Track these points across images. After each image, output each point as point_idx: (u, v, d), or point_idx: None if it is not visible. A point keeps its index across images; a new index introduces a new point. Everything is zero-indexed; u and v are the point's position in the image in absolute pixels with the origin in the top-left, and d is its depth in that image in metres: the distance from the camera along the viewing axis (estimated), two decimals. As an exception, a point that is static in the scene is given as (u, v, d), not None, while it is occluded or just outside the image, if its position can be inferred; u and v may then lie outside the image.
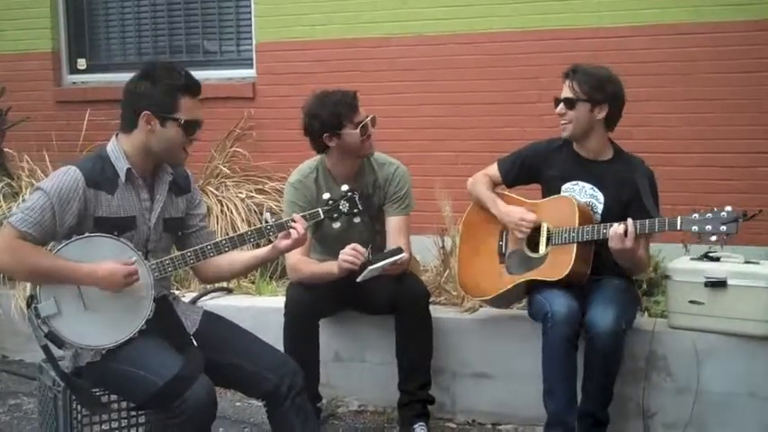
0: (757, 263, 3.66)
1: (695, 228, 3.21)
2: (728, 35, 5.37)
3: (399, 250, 3.57)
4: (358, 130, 3.73)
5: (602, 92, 3.65)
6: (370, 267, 3.50)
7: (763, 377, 2.89)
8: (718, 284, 3.58)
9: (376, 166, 3.93)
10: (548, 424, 3.50)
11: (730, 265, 3.66)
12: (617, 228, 3.36)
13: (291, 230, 3.10)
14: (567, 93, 3.67)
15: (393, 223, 3.90)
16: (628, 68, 5.36)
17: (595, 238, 3.46)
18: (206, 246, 3.03)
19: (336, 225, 3.28)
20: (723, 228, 3.16)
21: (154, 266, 2.94)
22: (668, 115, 5.49)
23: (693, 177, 5.43)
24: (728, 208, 3.18)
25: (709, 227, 3.19)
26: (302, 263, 3.77)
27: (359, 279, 3.53)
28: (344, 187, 3.31)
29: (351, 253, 3.55)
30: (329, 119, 3.74)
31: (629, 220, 3.36)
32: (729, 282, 3.57)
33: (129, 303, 2.90)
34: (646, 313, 4.08)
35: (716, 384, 3.66)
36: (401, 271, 3.64)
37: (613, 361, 3.45)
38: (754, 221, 4.65)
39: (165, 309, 3.04)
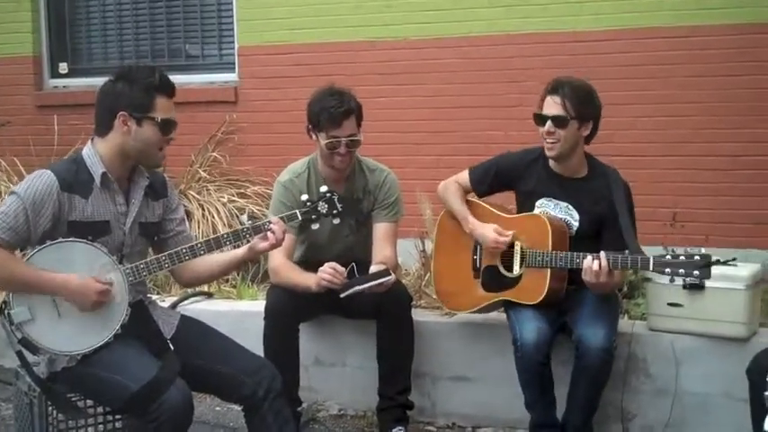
0: (735, 265, 3.65)
1: (668, 270, 3.18)
2: (708, 39, 5.39)
3: (387, 272, 3.55)
4: (325, 143, 3.70)
5: (591, 107, 3.56)
6: (356, 288, 3.49)
7: (739, 379, 2.90)
8: (696, 287, 3.58)
9: (367, 171, 3.91)
10: (533, 426, 3.57)
11: (709, 267, 3.67)
12: (590, 262, 3.30)
13: (269, 233, 3.08)
14: (556, 110, 3.51)
15: (381, 230, 3.88)
16: (608, 72, 5.41)
17: (568, 267, 3.43)
18: (181, 249, 3.00)
19: (315, 227, 3.26)
20: (696, 272, 3.13)
21: (128, 271, 2.92)
22: (649, 119, 5.52)
23: (675, 180, 5.45)
24: (702, 250, 3.16)
25: (681, 270, 3.15)
26: (284, 268, 3.74)
27: (342, 295, 3.52)
28: (323, 188, 3.30)
29: (329, 272, 3.52)
30: (312, 116, 3.74)
31: (602, 254, 3.30)
32: (708, 284, 3.56)
33: (104, 308, 2.88)
34: (626, 316, 4.09)
35: (694, 386, 3.67)
36: (386, 290, 3.58)
37: (603, 377, 3.46)
38: (728, 224, 4.71)
39: (141, 313, 3.03)
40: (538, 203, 3.67)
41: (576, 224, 3.62)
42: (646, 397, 3.75)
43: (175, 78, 3.13)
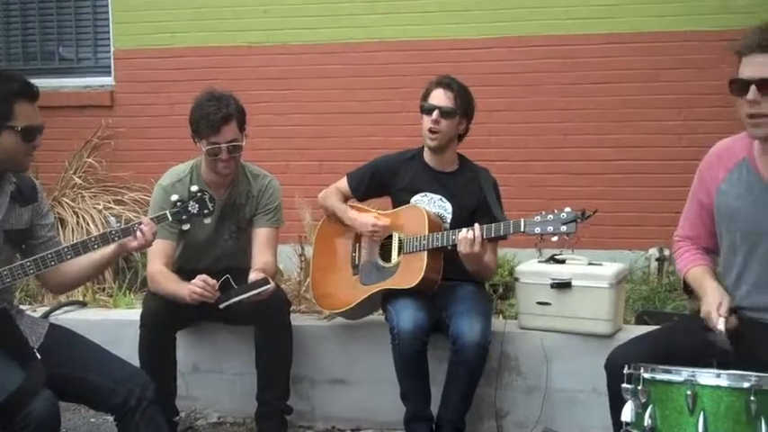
0: (600, 264, 3.82)
1: (537, 229, 3.31)
2: (579, 48, 5.63)
3: (265, 281, 3.53)
4: (206, 150, 3.66)
5: (471, 107, 3.78)
6: (235, 299, 3.47)
7: (605, 374, 3.02)
8: (563, 285, 3.71)
9: (250, 177, 3.88)
10: (407, 419, 3.61)
11: (574, 266, 3.81)
12: (465, 233, 3.43)
13: (138, 233, 3.04)
14: (446, 102, 3.69)
15: (261, 235, 3.85)
16: (485, 79, 5.57)
17: (445, 244, 3.53)
18: (47, 254, 2.92)
19: (186, 227, 3.22)
20: (563, 228, 3.27)
21: (-11, 278, 2.83)
22: (523, 125, 5.71)
23: (546, 184, 5.65)
24: (567, 209, 3.29)
25: (550, 227, 3.29)
26: (161, 275, 3.67)
27: (221, 306, 3.49)
28: (194, 188, 3.27)
29: (200, 285, 3.47)
30: (192, 124, 3.70)
31: (476, 225, 3.44)
32: (574, 283, 3.71)
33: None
34: (500, 316, 4.20)
35: (563, 382, 3.79)
36: (266, 297, 3.57)
37: (478, 371, 3.54)
38: (598, 226, 4.90)
39: (5, 322, 2.92)
40: (412, 200, 3.79)
41: (449, 216, 3.74)
42: (518, 394, 3.86)
43: (49, 82, 3.08)
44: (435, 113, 3.68)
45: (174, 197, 3.23)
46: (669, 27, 5.52)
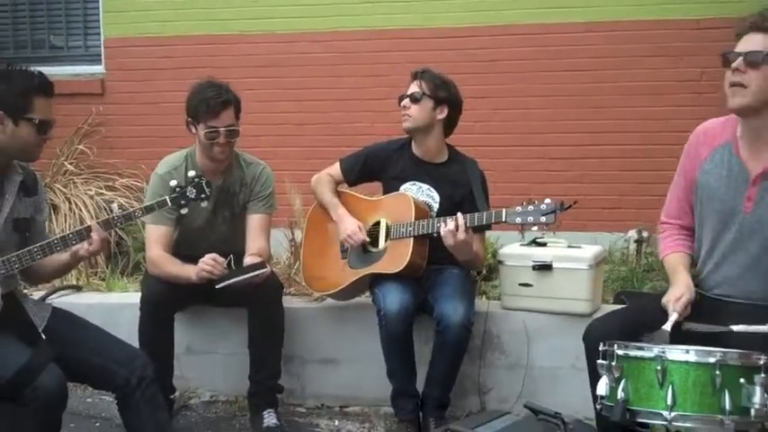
0: (579, 247, 3.97)
1: (518, 219, 3.44)
2: (559, 36, 5.76)
3: (262, 265, 3.65)
4: (204, 133, 3.77)
5: (445, 92, 3.89)
6: (232, 280, 3.59)
7: (584, 351, 3.17)
8: (544, 267, 3.87)
9: (244, 165, 3.99)
10: (394, 395, 3.78)
11: (555, 249, 3.96)
12: (449, 224, 3.55)
13: (87, 240, 3.12)
14: (414, 89, 3.87)
15: (254, 221, 3.96)
16: (469, 67, 5.70)
17: (430, 231, 3.67)
18: (52, 240, 3.04)
19: (184, 211, 3.35)
20: (543, 218, 3.41)
21: (0, 264, 2.95)
22: (506, 111, 5.84)
23: (529, 169, 5.80)
24: (548, 200, 3.42)
25: (530, 218, 3.42)
26: (162, 259, 3.78)
27: (218, 286, 3.60)
28: (192, 173, 3.39)
29: (210, 263, 3.59)
30: (191, 108, 3.79)
31: (459, 214, 3.56)
32: (554, 265, 3.86)
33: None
34: (484, 296, 4.35)
35: (544, 359, 3.96)
36: (261, 281, 3.69)
37: (461, 350, 3.68)
38: (579, 209, 5.06)
39: (12, 305, 3.03)
40: (402, 188, 3.92)
41: (436, 206, 3.88)
42: (500, 371, 4.02)
43: (39, 70, 3.16)
44: (405, 100, 3.89)
45: (173, 182, 3.35)
46: (647, 16, 5.66)
